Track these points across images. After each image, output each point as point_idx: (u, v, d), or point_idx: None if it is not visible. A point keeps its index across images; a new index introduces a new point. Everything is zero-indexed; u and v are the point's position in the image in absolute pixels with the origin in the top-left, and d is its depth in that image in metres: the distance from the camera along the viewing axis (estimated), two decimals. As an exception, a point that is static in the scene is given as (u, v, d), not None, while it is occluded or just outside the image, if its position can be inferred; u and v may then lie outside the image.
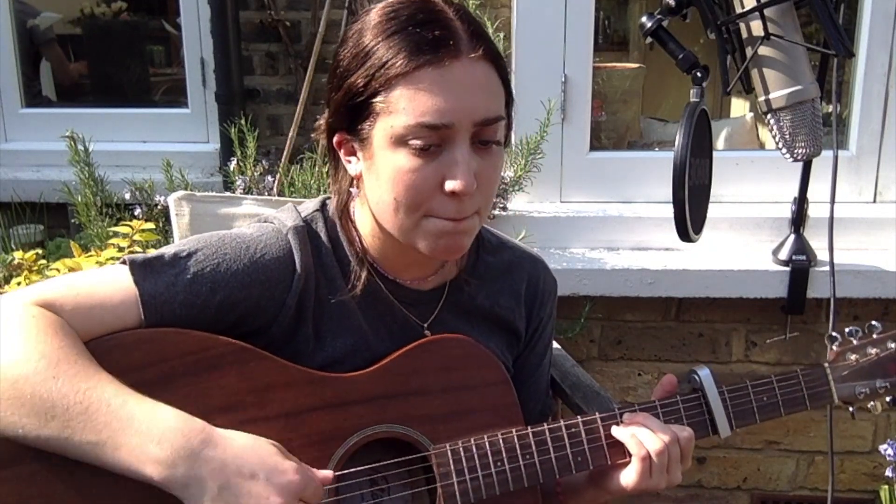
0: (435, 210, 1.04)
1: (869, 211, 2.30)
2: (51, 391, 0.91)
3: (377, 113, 1.02)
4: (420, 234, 1.07)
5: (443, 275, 1.21)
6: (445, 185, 1.02)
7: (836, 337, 1.26)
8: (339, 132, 1.10)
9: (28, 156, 2.64)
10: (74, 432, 0.91)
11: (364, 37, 1.04)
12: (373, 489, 1.14)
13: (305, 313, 1.11)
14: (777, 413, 1.22)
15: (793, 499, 2.40)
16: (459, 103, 1.00)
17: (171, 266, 1.05)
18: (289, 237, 1.11)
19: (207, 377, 1.03)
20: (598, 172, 2.39)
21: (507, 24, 2.33)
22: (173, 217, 1.56)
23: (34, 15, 3.25)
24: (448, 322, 1.21)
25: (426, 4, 1.04)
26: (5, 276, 1.77)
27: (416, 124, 0.99)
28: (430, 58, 0.99)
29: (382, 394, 1.11)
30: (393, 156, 1.03)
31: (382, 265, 1.17)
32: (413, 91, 0.99)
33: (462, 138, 1.02)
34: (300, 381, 1.08)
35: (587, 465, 1.14)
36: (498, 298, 1.26)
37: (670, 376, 1.22)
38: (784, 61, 1.69)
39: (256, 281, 1.08)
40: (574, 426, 1.14)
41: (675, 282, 2.16)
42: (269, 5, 2.43)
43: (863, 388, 1.24)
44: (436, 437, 1.12)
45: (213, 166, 2.54)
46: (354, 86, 1.03)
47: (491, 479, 1.11)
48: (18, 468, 0.94)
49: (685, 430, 1.15)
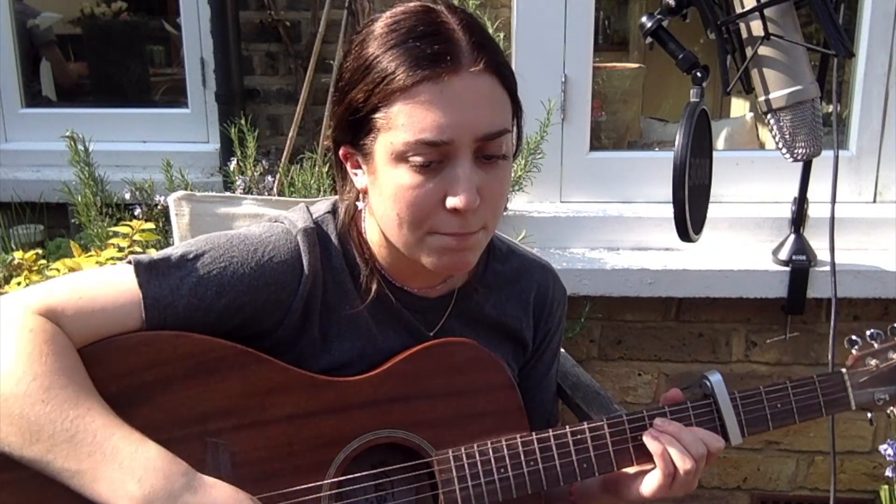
0: (438, 227, 1.02)
1: (869, 211, 2.30)
2: (39, 415, 0.91)
3: (378, 128, 1.00)
4: (424, 251, 1.05)
5: (451, 283, 1.20)
6: (447, 201, 0.99)
7: (857, 341, 1.22)
8: (344, 145, 1.08)
9: (28, 156, 2.64)
10: (56, 458, 0.90)
11: (366, 48, 1.02)
12: (377, 494, 1.13)
13: (312, 316, 1.10)
14: (791, 420, 1.17)
15: (793, 499, 2.40)
16: (459, 119, 0.97)
17: (177, 268, 1.04)
18: (298, 239, 1.10)
19: (208, 381, 1.02)
20: (598, 172, 2.39)
21: (507, 24, 2.33)
22: (173, 217, 1.56)
23: (34, 15, 3.25)
24: (455, 330, 1.19)
25: (428, 16, 1.01)
26: (5, 276, 1.77)
27: (415, 141, 0.97)
28: (429, 73, 0.96)
29: (385, 398, 1.10)
30: (394, 172, 1.01)
31: (390, 272, 1.15)
32: (412, 107, 0.97)
33: (464, 154, 0.99)
34: (302, 384, 1.07)
35: (592, 472, 1.12)
36: (505, 307, 1.24)
37: (675, 391, 1.18)
38: (784, 61, 1.69)
39: (263, 284, 1.07)
40: (580, 432, 1.12)
41: (675, 282, 2.16)
42: (269, 5, 2.43)
43: (882, 395, 1.19)
44: (439, 441, 1.11)
45: (213, 166, 2.54)
46: (355, 100, 1.01)
47: (494, 485, 1.09)
48: (17, 472, 0.93)
49: (717, 440, 1.12)
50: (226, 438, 1.02)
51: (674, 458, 1.09)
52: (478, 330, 1.22)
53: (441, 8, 1.03)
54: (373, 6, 2.27)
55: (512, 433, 1.12)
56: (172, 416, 0.99)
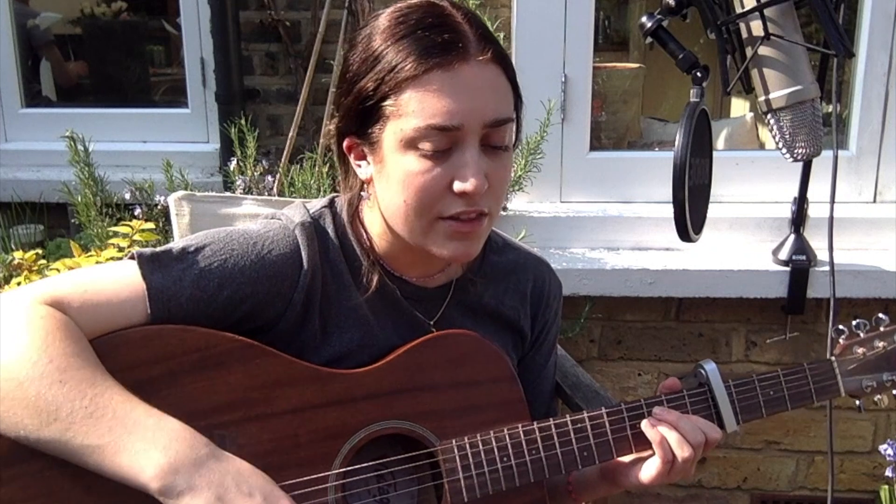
0: (444, 210, 1.05)
1: (869, 211, 2.30)
2: (56, 395, 0.91)
3: (387, 116, 1.03)
4: (431, 238, 1.08)
5: (449, 273, 1.22)
6: (455, 185, 1.03)
7: (843, 330, 1.26)
8: (349, 136, 1.10)
9: (28, 156, 2.64)
10: (76, 435, 0.91)
11: (373, 41, 1.04)
12: (380, 485, 1.14)
13: (312, 309, 1.12)
14: (783, 407, 1.21)
15: (793, 499, 2.40)
16: (469, 105, 1.01)
17: (179, 261, 1.05)
18: (296, 233, 1.11)
19: (213, 374, 1.03)
20: (598, 172, 2.39)
21: (507, 24, 2.33)
22: (173, 217, 1.56)
23: (34, 15, 3.25)
24: (454, 319, 1.21)
25: (435, 8, 1.05)
26: (5, 276, 1.77)
27: (426, 126, 1.00)
28: (440, 60, 1.00)
29: (389, 390, 1.12)
30: (403, 159, 1.03)
31: (389, 263, 1.17)
32: (423, 94, 1.00)
33: (471, 140, 1.02)
34: (306, 377, 1.08)
35: (593, 459, 1.15)
36: (503, 298, 1.26)
37: (673, 380, 1.21)
38: (784, 61, 1.69)
39: (263, 277, 1.08)
40: (580, 421, 1.15)
41: (675, 282, 2.16)
42: (269, 5, 2.43)
43: (870, 382, 1.24)
44: (442, 432, 1.13)
45: (213, 166, 2.54)
46: (364, 90, 1.04)
47: (497, 474, 1.11)
48: (25, 465, 0.94)
49: (715, 430, 1.15)
50: (232, 431, 1.03)
51: (672, 445, 1.12)
52: (477, 319, 1.23)
53: (445, 3, 1.07)
54: (373, 6, 2.27)
55: (514, 424, 1.14)
56: (179, 409, 0.99)
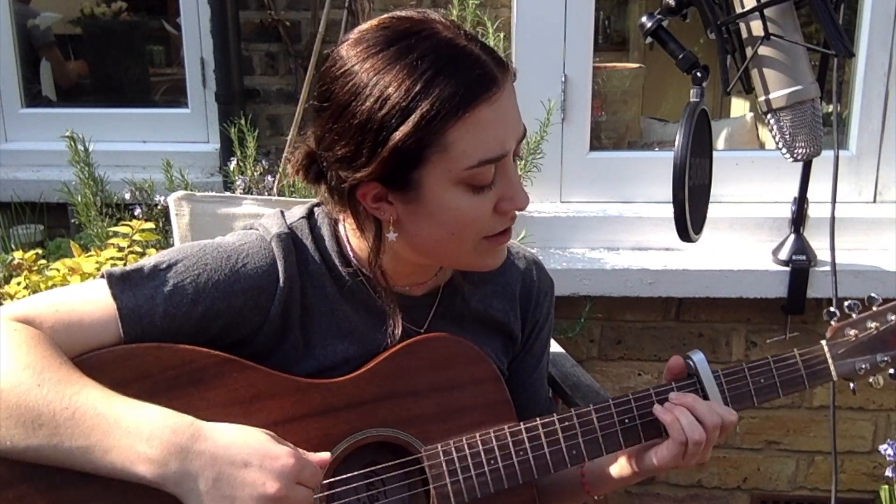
0: (492, 231, 1.07)
1: (869, 211, 2.30)
2: (36, 399, 0.91)
3: (430, 161, 0.99)
4: (473, 257, 1.09)
5: (436, 280, 1.20)
6: (505, 206, 1.04)
7: (835, 312, 1.23)
8: (372, 184, 1.02)
9: (28, 156, 2.64)
10: (63, 439, 0.90)
11: (390, 88, 0.97)
12: (369, 493, 1.13)
13: (292, 321, 1.10)
14: (775, 394, 1.20)
15: (793, 499, 2.40)
16: (509, 129, 1.03)
17: (150, 279, 1.04)
18: (272, 245, 1.09)
19: (191, 391, 1.02)
20: (598, 172, 2.39)
21: (507, 24, 2.33)
22: (173, 217, 1.56)
23: (34, 15, 3.25)
24: (442, 327, 1.19)
25: (451, 50, 0.99)
26: (5, 276, 1.77)
27: (479, 162, 1.00)
28: (483, 96, 0.98)
29: (371, 398, 1.10)
30: (448, 195, 1.01)
31: (373, 272, 1.14)
32: (473, 132, 0.98)
33: (510, 159, 1.04)
34: (286, 389, 1.07)
35: (582, 458, 1.14)
36: (491, 301, 1.24)
37: (676, 358, 1.21)
38: (784, 61, 1.69)
39: (238, 291, 1.06)
40: (568, 419, 1.14)
41: (675, 282, 2.16)
42: (269, 5, 2.43)
43: (863, 364, 1.21)
44: (427, 437, 1.11)
45: (213, 166, 2.55)
46: (404, 142, 0.97)
47: (484, 477, 1.10)
48: (23, 487, 0.94)
49: (731, 413, 1.14)
50: None
51: (684, 426, 1.12)
52: (464, 325, 1.22)
53: (437, 25, 1.01)
54: (373, 6, 2.27)
55: (500, 425, 1.13)
56: None
